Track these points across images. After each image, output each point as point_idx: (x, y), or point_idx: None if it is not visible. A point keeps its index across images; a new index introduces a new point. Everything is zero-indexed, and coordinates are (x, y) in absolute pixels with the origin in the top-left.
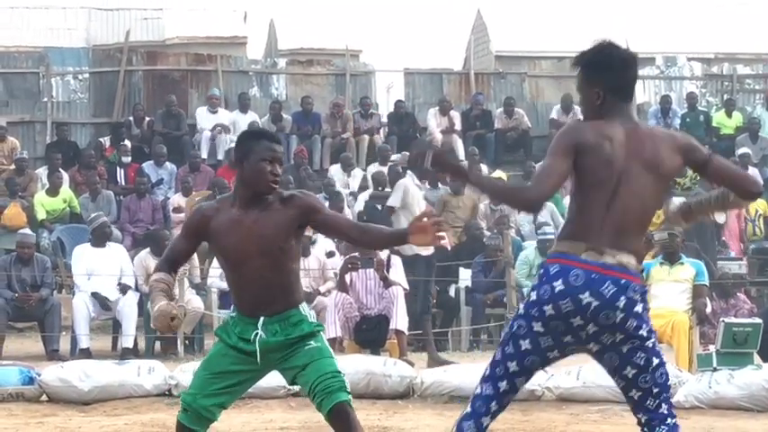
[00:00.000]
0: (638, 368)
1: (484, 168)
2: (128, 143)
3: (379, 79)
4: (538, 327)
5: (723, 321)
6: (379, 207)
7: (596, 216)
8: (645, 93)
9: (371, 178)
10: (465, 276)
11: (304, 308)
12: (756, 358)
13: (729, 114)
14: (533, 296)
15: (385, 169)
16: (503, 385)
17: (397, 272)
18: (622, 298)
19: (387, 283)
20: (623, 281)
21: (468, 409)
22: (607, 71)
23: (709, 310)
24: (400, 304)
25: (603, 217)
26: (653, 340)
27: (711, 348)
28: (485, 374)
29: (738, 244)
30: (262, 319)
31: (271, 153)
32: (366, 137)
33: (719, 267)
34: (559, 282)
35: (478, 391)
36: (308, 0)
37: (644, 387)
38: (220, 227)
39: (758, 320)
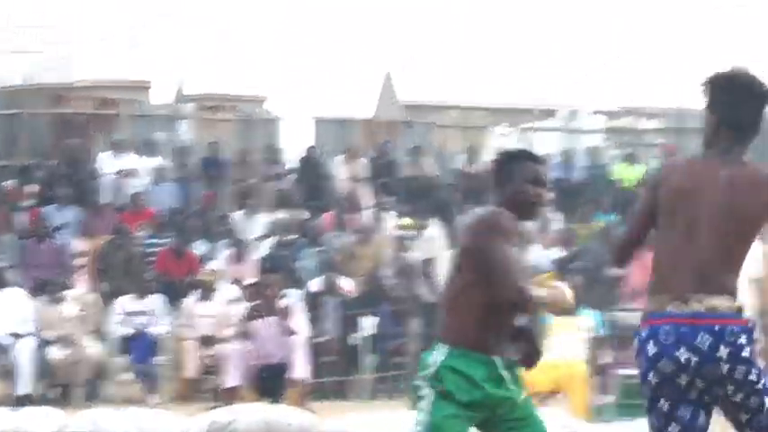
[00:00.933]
0: (752, 412)
1: (391, 216)
2: (31, 187)
3: (285, 126)
4: (662, 403)
5: (619, 373)
6: (283, 254)
7: (677, 261)
8: (547, 145)
9: (276, 225)
10: (367, 324)
11: None
12: None
13: (631, 167)
14: (639, 370)
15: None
16: None
17: (299, 320)
18: (722, 347)
19: (288, 331)
20: (718, 327)
21: None
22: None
23: (606, 360)
24: (302, 353)
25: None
26: (763, 381)
27: (609, 399)
28: None
29: (640, 295)
30: (498, 360)
31: (539, 176)
32: (272, 183)
33: (620, 318)
34: (651, 344)
35: None
36: (216, 46)
37: (758, 427)
38: None
39: None
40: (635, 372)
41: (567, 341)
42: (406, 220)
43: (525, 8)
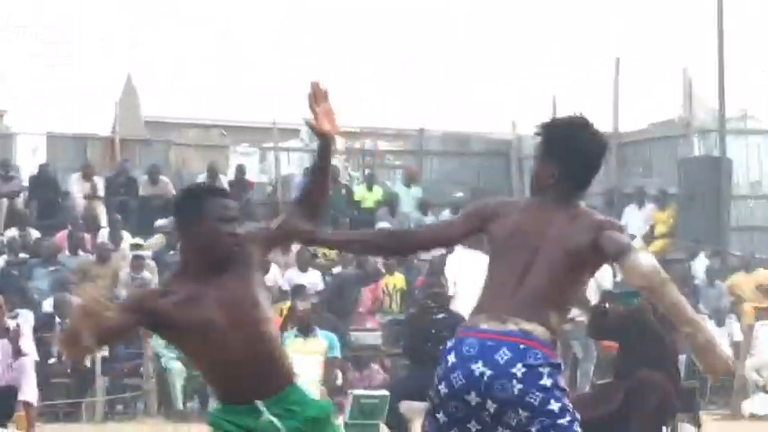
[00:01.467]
0: None
1: (127, 235)
2: None
3: (21, 142)
4: (441, 416)
5: (351, 393)
6: (15, 273)
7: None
8: (290, 164)
9: (8, 243)
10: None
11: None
12: (383, 429)
13: (370, 189)
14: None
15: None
16: None
17: (28, 341)
18: (519, 365)
19: (17, 353)
20: (523, 346)
21: None
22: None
23: (339, 382)
24: (30, 374)
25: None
26: (568, 419)
27: (339, 420)
28: None
29: (374, 316)
30: (259, 402)
31: (227, 211)
32: (5, 200)
33: (355, 338)
34: (452, 355)
35: None
36: None
37: None
38: (179, 307)
39: (385, 392)
40: (367, 392)
41: (304, 363)
42: (138, 239)
43: (259, 27)
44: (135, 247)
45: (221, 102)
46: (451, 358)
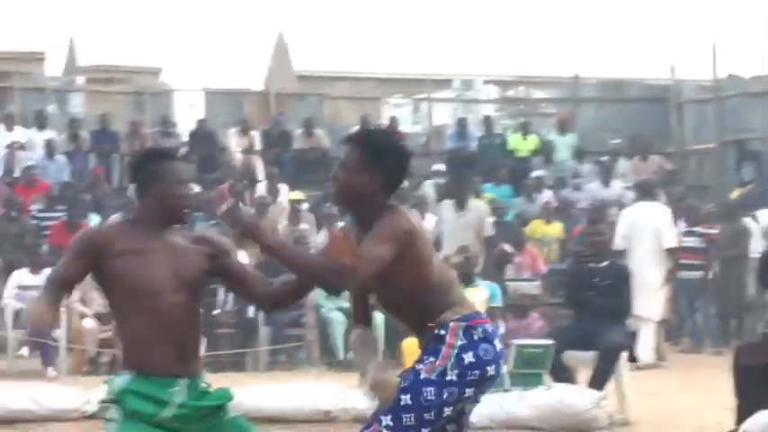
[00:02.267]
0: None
1: (283, 188)
2: None
3: (179, 98)
4: (468, 391)
5: (514, 343)
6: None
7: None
8: (442, 115)
9: None
10: None
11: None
12: (547, 379)
13: (525, 137)
14: (469, 358)
15: None
16: None
17: None
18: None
19: None
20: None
21: None
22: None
23: (501, 331)
24: None
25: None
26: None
27: (504, 369)
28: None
29: (534, 265)
30: (179, 380)
31: (182, 175)
32: None
33: (515, 288)
34: (497, 341)
35: None
36: (108, 17)
37: None
38: (127, 252)
39: (549, 342)
40: (530, 341)
41: None
42: (298, 193)
43: None
44: (294, 201)
45: (374, 54)
46: (498, 345)
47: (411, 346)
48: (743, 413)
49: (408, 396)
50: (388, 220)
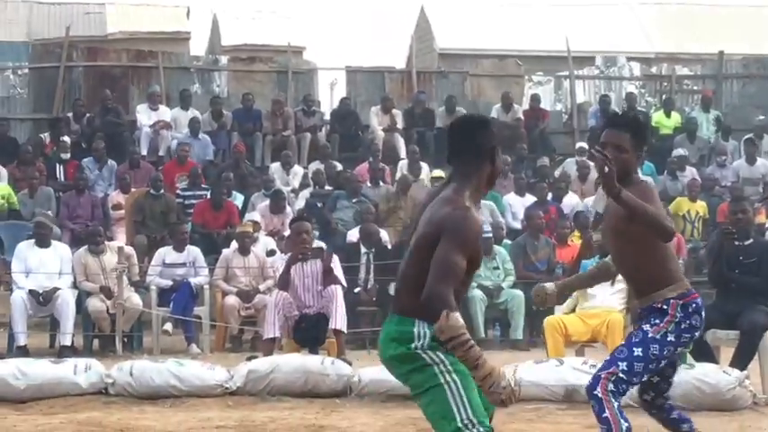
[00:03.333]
0: None
1: (425, 166)
2: (67, 139)
3: (321, 77)
4: (681, 348)
5: None
6: (320, 205)
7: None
8: (585, 93)
9: (312, 176)
10: None
11: None
12: (689, 358)
13: (668, 114)
14: (685, 325)
15: (323, 167)
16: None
17: (337, 270)
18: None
19: (328, 279)
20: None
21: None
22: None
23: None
24: (339, 303)
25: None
26: None
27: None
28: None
29: (677, 243)
30: None
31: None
32: (308, 135)
33: None
34: (703, 312)
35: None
36: None
37: None
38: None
39: None
40: None
41: (605, 291)
42: (439, 172)
43: None
44: (436, 179)
45: (515, 31)
46: (704, 314)
47: (552, 324)
48: None
49: (640, 349)
50: (649, 189)
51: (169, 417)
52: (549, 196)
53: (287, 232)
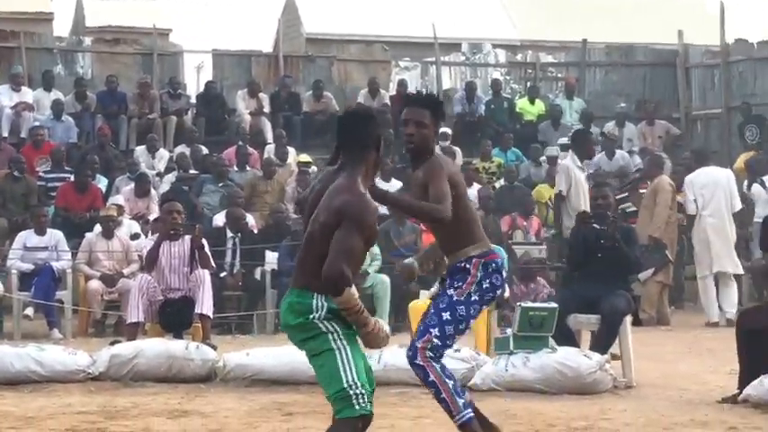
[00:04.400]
0: None
1: (291, 151)
2: None
3: (187, 60)
4: (485, 306)
5: (520, 305)
6: (186, 188)
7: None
8: (451, 79)
9: (178, 159)
10: (271, 259)
11: None
12: (551, 342)
13: (532, 101)
14: (486, 284)
15: (188, 151)
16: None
17: (206, 252)
18: None
19: (201, 260)
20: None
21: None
22: None
23: (507, 294)
24: (207, 287)
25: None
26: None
27: (508, 332)
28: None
29: (537, 229)
30: None
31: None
32: (174, 118)
33: (526, 252)
34: (504, 271)
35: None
36: None
37: None
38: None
39: (554, 305)
40: (535, 305)
41: None
42: (306, 156)
43: None
44: (303, 164)
45: (383, 17)
46: (505, 274)
47: (416, 309)
48: (745, 377)
49: (448, 313)
50: (439, 164)
51: (29, 402)
52: None
53: (152, 216)
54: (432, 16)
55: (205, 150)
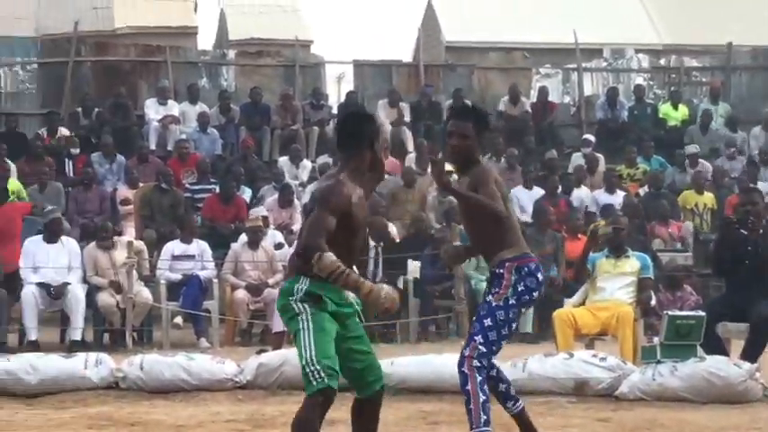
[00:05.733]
0: None
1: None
2: (66, 131)
3: (329, 71)
4: (524, 309)
5: (667, 314)
6: None
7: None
8: (593, 85)
9: (320, 170)
10: (412, 268)
11: None
12: (699, 351)
13: (676, 106)
14: (521, 287)
15: (331, 161)
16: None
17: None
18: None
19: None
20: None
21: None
22: None
23: (653, 302)
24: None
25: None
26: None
27: (655, 340)
28: (491, 339)
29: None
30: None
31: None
32: (316, 128)
33: (671, 259)
34: (539, 274)
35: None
36: None
37: None
38: (357, 202)
39: (701, 313)
40: (682, 313)
41: (615, 284)
42: (449, 166)
43: None
44: (447, 173)
45: (523, 23)
46: (540, 276)
47: (561, 317)
48: None
49: (489, 319)
50: (487, 171)
51: (179, 411)
52: (559, 189)
53: (295, 226)
54: (573, 22)
55: None
